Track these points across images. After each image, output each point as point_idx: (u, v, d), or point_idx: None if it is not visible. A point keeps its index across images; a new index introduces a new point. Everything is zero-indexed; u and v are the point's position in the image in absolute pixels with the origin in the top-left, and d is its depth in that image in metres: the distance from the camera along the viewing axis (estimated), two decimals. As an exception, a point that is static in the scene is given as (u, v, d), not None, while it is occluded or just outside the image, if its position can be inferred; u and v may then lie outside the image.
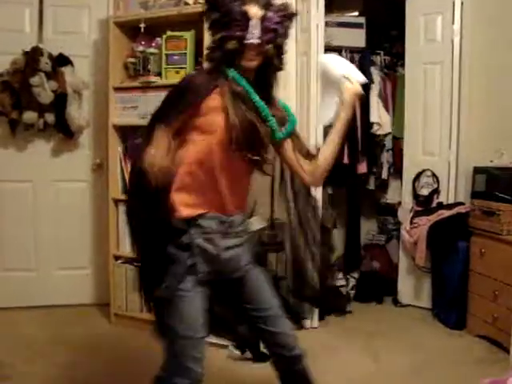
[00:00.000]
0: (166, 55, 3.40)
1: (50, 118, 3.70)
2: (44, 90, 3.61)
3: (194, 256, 1.79)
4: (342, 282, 4.19)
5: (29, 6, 3.82)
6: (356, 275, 4.38)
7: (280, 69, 1.87)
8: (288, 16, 1.83)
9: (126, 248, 3.62)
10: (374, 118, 4.30)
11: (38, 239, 3.94)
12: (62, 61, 3.75)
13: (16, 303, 3.80)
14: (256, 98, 1.80)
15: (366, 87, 4.30)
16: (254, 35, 1.73)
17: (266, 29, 1.75)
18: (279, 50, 1.83)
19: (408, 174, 4.18)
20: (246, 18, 1.73)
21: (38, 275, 3.93)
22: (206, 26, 1.85)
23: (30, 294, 3.87)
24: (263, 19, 1.75)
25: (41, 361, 3.03)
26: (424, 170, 4.06)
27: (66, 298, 3.92)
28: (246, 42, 1.73)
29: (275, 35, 1.78)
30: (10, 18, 3.79)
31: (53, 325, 3.61)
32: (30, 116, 3.63)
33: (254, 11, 1.74)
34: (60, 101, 3.69)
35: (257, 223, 2.05)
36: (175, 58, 3.39)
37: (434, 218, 3.81)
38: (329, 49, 4.13)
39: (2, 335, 3.05)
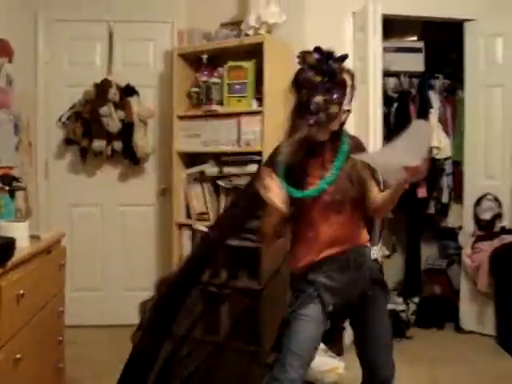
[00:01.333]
0: (228, 84, 3.53)
1: (117, 145, 3.90)
2: (112, 120, 3.82)
3: (318, 289, 1.97)
4: (402, 307, 4.16)
5: (99, 40, 4.08)
6: (416, 300, 4.33)
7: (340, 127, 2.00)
8: (342, 82, 1.91)
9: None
10: (433, 142, 4.28)
11: (106, 260, 4.13)
12: (129, 91, 3.96)
13: (85, 322, 3.99)
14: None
15: (425, 112, 4.30)
16: (348, 101, 1.90)
17: (350, 98, 1.94)
18: (336, 115, 1.91)
19: (469, 197, 4.12)
20: (343, 84, 1.89)
21: (106, 295, 4.12)
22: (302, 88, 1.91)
23: (98, 313, 4.06)
24: (351, 89, 1.95)
25: (107, 378, 3.17)
26: (485, 194, 3.99)
27: (132, 319, 4.06)
28: (343, 108, 1.88)
29: (334, 100, 1.89)
30: (82, 52, 4.06)
31: (119, 344, 3.74)
32: (99, 144, 3.84)
33: (347, 79, 1.91)
34: (127, 129, 3.89)
35: (378, 251, 2.15)
36: (237, 87, 3.51)
37: (496, 242, 3.74)
38: (387, 74, 4.19)
39: (71, 353, 3.20)
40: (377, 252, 2.18)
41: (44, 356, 2.43)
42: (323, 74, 1.86)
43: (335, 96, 1.84)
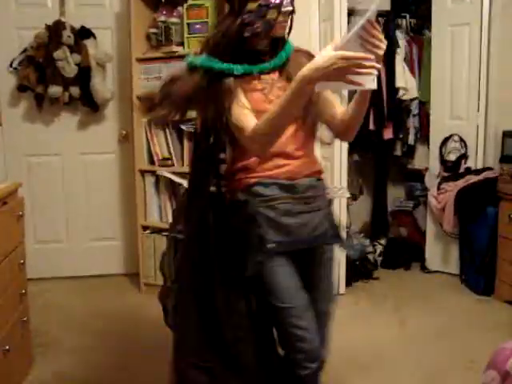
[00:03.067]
0: (188, 24, 3.38)
1: (74, 91, 3.72)
2: (68, 64, 3.63)
3: (260, 226, 1.70)
4: (370, 249, 4.21)
5: (49, -22, 3.82)
6: (383, 242, 4.38)
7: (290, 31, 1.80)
8: None
9: (154, 218, 3.68)
10: (399, 82, 4.22)
11: (68, 211, 4.02)
12: (84, 34, 3.76)
13: (48, 274, 3.91)
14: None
15: (391, 51, 4.22)
16: (288, 4, 1.69)
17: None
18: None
19: (435, 139, 4.11)
20: None
21: (69, 246, 4.03)
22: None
23: (62, 265, 3.99)
24: None
25: (75, 329, 3.14)
26: (451, 135, 3.99)
27: (97, 269, 4.02)
28: (283, 9, 1.68)
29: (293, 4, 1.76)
30: (31, -8, 3.80)
31: (84, 294, 3.71)
32: (54, 90, 3.66)
33: None
34: (84, 74, 3.71)
35: (339, 192, 1.90)
36: (197, 26, 3.37)
37: (461, 183, 3.77)
38: (353, 13, 4.06)
39: (36, 305, 3.14)
40: (337, 192, 1.91)
41: (5, 310, 2.35)
42: None
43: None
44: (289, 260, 1.74)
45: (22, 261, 2.62)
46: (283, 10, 1.67)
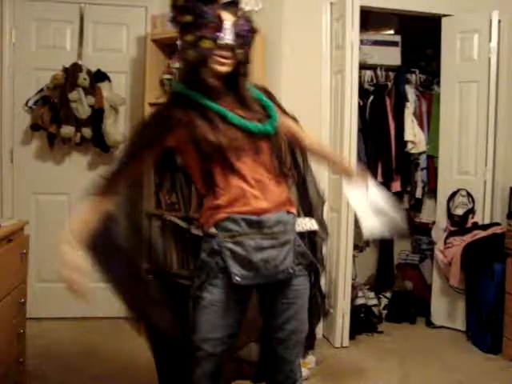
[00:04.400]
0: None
1: (86, 132, 3.78)
2: (82, 105, 3.70)
3: (224, 258, 1.76)
4: (374, 302, 4.15)
5: (70, 23, 3.93)
6: (388, 295, 4.32)
7: (246, 77, 1.83)
8: (254, 29, 1.83)
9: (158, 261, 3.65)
10: (408, 136, 4.26)
11: (73, 251, 4.00)
12: (99, 77, 3.85)
13: (50, 314, 3.86)
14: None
15: (401, 105, 4.28)
16: (227, 37, 1.71)
17: (238, 34, 1.74)
18: (247, 59, 1.81)
19: (442, 193, 4.11)
20: (220, 20, 1.72)
21: (72, 287, 3.99)
22: (174, 28, 1.80)
23: (64, 306, 3.92)
24: (235, 24, 1.74)
25: (71, 372, 3.08)
26: (459, 190, 3.99)
27: (99, 310, 3.96)
28: (220, 42, 1.71)
29: (245, 41, 1.77)
30: (52, 35, 3.91)
31: (86, 337, 3.66)
32: (67, 130, 3.71)
33: (226, 15, 1.74)
34: (97, 116, 3.77)
35: (308, 225, 1.95)
36: (210, 75, 3.42)
37: (468, 238, 3.74)
38: (364, 66, 4.15)
39: (35, 346, 3.10)
40: (307, 224, 1.93)
41: (2, 349, 2.32)
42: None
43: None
44: (241, 294, 1.81)
45: (22, 299, 2.60)
46: (220, 42, 1.71)
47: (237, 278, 1.74)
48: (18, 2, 3.86)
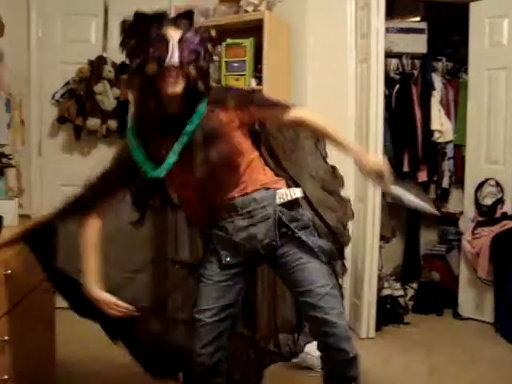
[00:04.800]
0: (226, 62, 3.44)
1: (112, 124, 3.81)
2: (107, 98, 3.73)
3: (213, 242, 1.95)
4: (400, 293, 4.12)
5: (95, 16, 3.96)
6: (415, 286, 4.29)
7: (205, 93, 1.81)
8: (208, 38, 1.80)
9: (185, 254, 3.67)
10: (435, 125, 4.20)
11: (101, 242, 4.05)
12: (124, 69, 3.86)
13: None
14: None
15: (427, 94, 4.22)
16: (173, 57, 1.67)
17: (186, 50, 1.71)
18: (202, 73, 1.78)
19: (470, 182, 4.04)
20: (164, 40, 1.68)
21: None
22: (124, 54, 1.78)
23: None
24: (182, 40, 1.71)
25: (99, 360, 3.12)
26: (487, 179, 3.92)
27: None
28: (165, 64, 1.67)
29: (196, 57, 1.74)
30: (77, 29, 3.95)
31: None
32: (93, 122, 3.75)
33: (172, 33, 1.70)
34: (122, 107, 3.80)
35: (291, 194, 1.96)
36: (235, 65, 3.42)
37: (497, 228, 3.68)
38: (389, 55, 4.09)
39: (63, 334, 3.15)
40: (288, 194, 1.94)
41: (33, 338, 2.36)
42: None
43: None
44: (234, 269, 1.95)
45: (52, 289, 2.64)
46: (165, 63, 1.67)
47: (227, 259, 1.93)
48: (44, -4, 3.90)
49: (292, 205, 1.96)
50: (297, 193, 1.98)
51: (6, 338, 2.01)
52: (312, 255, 1.90)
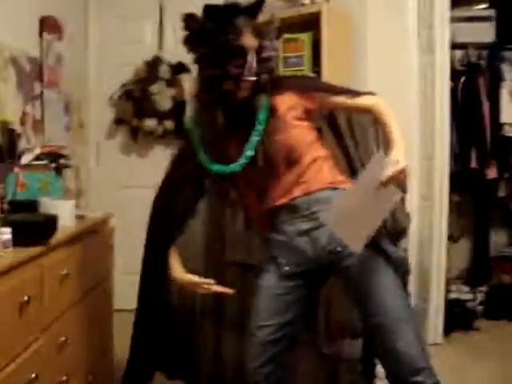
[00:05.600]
0: (284, 58, 3.35)
1: (169, 124, 3.79)
2: (163, 98, 3.72)
3: (272, 248, 1.80)
4: (469, 297, 3.90)
5: (150, 17, 3.97)
6: (485, 289, 4.04)
7: (269, 85, 1.72)
8: (278, 37, 1.76)
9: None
10: (505, 118, 3.95)
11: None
12: (180, 69, 3.84)
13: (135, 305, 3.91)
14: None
15: (496, 85, 3.98)
16: (251, 71, 1.61)
17: (263, 59, 1.65)
18: (272, 73, 1.73)
19: (545, 179, 3.79)
20: (241, 53, 1.61)
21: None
22: (192, 58, 1.75)
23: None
24: (259, 50, 1.64)
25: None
26: None
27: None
28: (243, 79, 1.62)
29: (271, 63, 1.69)
30: (133, 30, 3.97)
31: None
32: (150, 123, 3.75)
33: (250, 42, 1.63)
34: (178, 107, 3.78)
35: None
36: (293, 60, 3.32)
37: None
38: (454, 46, 3.88)
39: (122, 336, 3.13)
40: None
41: (91, 340, 2.34)
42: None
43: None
44: (295, 281, 1.76)
45: (109, 290, 2.62)
46: (243, 79, 1.62)
47: (285, 268, 1.76)
48: (101, 0, 3.94)
49: None
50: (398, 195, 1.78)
51: (64, 338, 1.98)
52: (384, 267, 1.68)
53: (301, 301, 1.80)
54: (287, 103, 1.75)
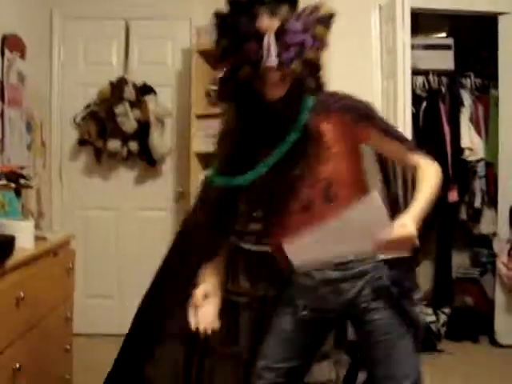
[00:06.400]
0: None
1: (133, 146, 3.76)
2: (128, 119, 3.68)
3: (293, 289, 1.63)
4: (432, 318, 3.92)
5: (116, 39, 3.96)
6: (447, 311, 4.08)
7: (316, 90, 1.52)
8: (317, 20, 1.42)
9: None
10: (465, 142, 4.04)
11: (121, 266, 3.97)
12: (145, 90, 3.83)
13: (96, 330, 3.82)
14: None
15: (456, 111, 4.08)
16: (270, 56, 1.36)
17: (287, 43, 1.38)
18: (312, 66, 1.47)
19: (503, 202, 3.87)
20: (257, 34, 1.37)
21: (120, 303, 3.94)
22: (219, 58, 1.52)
23: (111, 322, 3.89)
24: (280, 32, 1.38)
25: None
26: (522, 198, 3.75)
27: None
28: (262, 66, 1.38)
29: (301, 49, 1.40)
30: (98, 50, 3.95)
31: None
32: (114, 144, 3.70)
33: (268, 24, 1.38)
34: (143, 129, 3.75)
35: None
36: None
37: (535, 249, 3.50)
38: (415, 72, 3.98)
39: (82, 362, 3.05)
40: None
41: (48, 365, 2.26)
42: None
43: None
44: (312, 327, 1.63)
45: (69, 315, 2.55)
46: (263, 65, 1.38)
47: (303, 313, 1.60)
48: (66, 19, 3.92)
49: (398, 262, 1.55)
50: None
51: (18, 365, 1.90)
52: (405, 330, 1.54)
53: (312, 346, 1.70)
54: (336, 130, 1.52)
